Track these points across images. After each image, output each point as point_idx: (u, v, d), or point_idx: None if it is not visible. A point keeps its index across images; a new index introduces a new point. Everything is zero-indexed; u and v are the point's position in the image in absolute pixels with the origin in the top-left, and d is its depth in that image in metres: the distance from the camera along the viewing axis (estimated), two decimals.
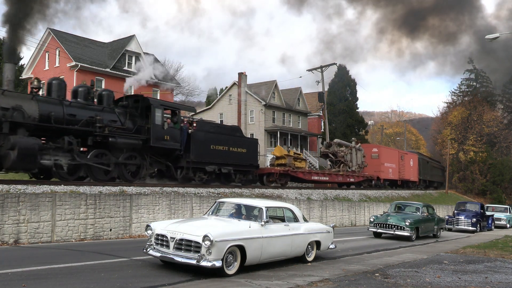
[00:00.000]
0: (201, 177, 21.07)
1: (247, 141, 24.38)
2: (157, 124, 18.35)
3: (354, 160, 34.69)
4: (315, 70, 42.88)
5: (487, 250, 14.62)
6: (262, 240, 9.32)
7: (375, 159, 37.54)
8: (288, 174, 26.59)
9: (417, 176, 45.73)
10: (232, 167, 22.44)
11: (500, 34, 20.45)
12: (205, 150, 20.91)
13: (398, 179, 40.53)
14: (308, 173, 28.31)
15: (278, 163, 27.76)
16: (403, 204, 20.84)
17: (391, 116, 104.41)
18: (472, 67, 74.91)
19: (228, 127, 25.18)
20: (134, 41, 33.17)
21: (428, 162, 51.73)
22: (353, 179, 33.41)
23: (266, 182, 25.68)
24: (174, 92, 38.85)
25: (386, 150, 41.29)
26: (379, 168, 37.13)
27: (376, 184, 36.65)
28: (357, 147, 35.68)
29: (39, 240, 12.80)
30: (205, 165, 20.98)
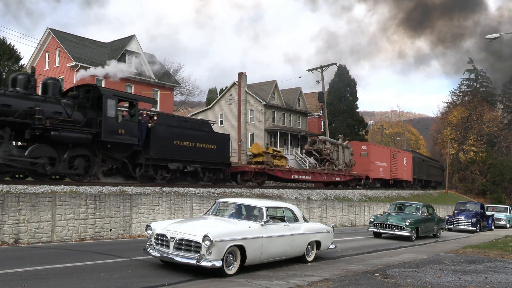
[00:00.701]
0: (163, 176, 19.45)
1: (217, 136, 22.40)
2: (110, 116, 16.58)
3: (341, 158, 33.27)
4: (315, 70, 42.89)
5: (487, 250, 14.62)
6: (262, 240, 9.32)
7: (364, 157, 35.74)
8: (264, 173, 25.10)
9: (411, 175, 44.18)
10: (200, 165, 20.81)
11: (500, 34, 20.45)
12: (167, 146, 19.24)
13: (390, 178, 38.97)
14: (287, 172, 26.70)
15: (256, 160, 26.38)
16: (403, 204, 20.84)
17: (391, 116, 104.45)
18: (472, 67, 75.00)
19: (195, 121, 23.52)
20: (134, 41, 33.19)
21: (424, 161, 50.25)
22: (339, 178, 31.75)
23: (240, 181, 24.04)
24: (174, 92, 38.82)
25: (376, 148, 39.38)
26: (368, 166, 35.45)
27: (365, 184, 35.30)
28: (345, 145, 34.31)
29: (39, 240, 12.80)
30: (167, 162, 19.30)
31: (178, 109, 59.79)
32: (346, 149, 34.15)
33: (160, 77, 34.63)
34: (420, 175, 47.30)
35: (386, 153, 38.99)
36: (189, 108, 69.78)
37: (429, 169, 51.44)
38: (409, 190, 42.65)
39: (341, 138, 34.82)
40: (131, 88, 32.41)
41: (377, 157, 36.72)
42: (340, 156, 33.24)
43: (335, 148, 33.28)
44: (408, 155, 44.16)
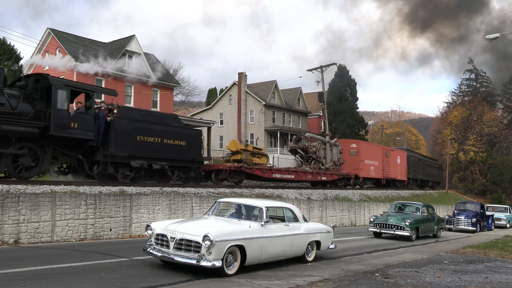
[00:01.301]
0: (125, 174, 18.07)
1: (187, 132, 20.79)
2: (60, 108, 15.21)
3: (329, 157, 31.82)
4: (315, 70, 42.88)
5: (487, 250, 14.62)
6: (262, 240, 9.32)
7: (354, 155, 34.27)
8: (242, 171, 23.67)
9: (406, 174, 42.71)
10: (168, 162, 19.41)
11: (500, 34, 20.45)
12: (129, 141, 17.84)
13: (382, 177, 37.49)
14: (267, 170, 25.28)
15: (234, 158, 24.94)
16: (403, 204, 20.84)
17: (391, 116, 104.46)
18: (472, 67, 75.05)
19: (162, 115, 22.04)
20: (134, 41, 33.19)
21: (420, 160, 48.65)
22: (326, 178, 30.28)
23: (215, 180, 22.59)
24: (174, 92, 38.83)
25: (367, 146, 37.60)
26: (358, 165, 33.95)
27: (355, 184, 33.99)
28: (333, 142, 32.89)
29: (39, 240, 12.80)
30: (130, 159, 17.89)
31: (178, 109, 59.82)
32: (334, 147, 32.82)
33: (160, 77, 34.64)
34: (415, 175, 45.91)
35: (378, 152, 37.50)
36: (189, 108, 69.80)
37: (426, 169, 50.07)
38: (407, 190, 42.47)
39: (328, 136, 33.50)
40: (131, 88, 32.43)
41: (367, 156, 35.32)
42: (327, 154, 31.86)
43: (322, 146, 31.83)
44: (402, 153, 42.71)
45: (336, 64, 48.45)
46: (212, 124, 32.88)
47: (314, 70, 43.00)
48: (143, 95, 32.95)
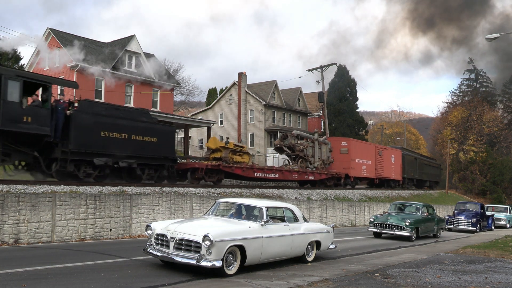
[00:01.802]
0: (88, 173, 16.80)
1: (159, 128, 19.61)
2: (11, 101, 14.12)
3: (317, 155, 30.42)
4: (315, 70, 42.89)
5: (487, 250, 14.62)
6: (262, 240, 9.32)
7: (344, 154, 32.60)
8: (220, 170, 22.34)
9: (401, 174, 41.02)
10: (136, 160, 18.23)
11: (500, 34, 20.44)
12: (92, 137, 16.55)
13: (374, 177, 35.99)
14: (248, 169, 23.82)
15: (214, 156, 23.57)
16: (403, 204, 20.84)
17: (391, 116, 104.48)
18: (472, 67, 75.08)
19: (130, 109, 20.74)
20: (134, 41, 33.19)
21: (416, 159, 46.85)
22: (313, 177, 28.84)
23: (191, 179, 21.35)
24: (174, 92, 38.83)
25: (358, 144, 35.83)
26: (349, 164, 32.44)
27: (345, 183, 32.58)
28: (322, 140, 31.49)
29: (39, 240, 12.80)
30: (92, 157, 16.62)
31: (178, 109, 59.81)
32: (323, 145, 31.40)
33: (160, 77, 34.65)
34: (411, 174, 44.41)
35: (370, 150, 36.00)
36: (189, 108, 69.80)
37: (423, 168, 48.68)
38: (407, 190, 42.42)
39: (317, 133, 31.84)
40: (131, 88, 32.42)
41: (359, 154, 33.75)
42: (316, 152, 30.39)
43: (310, 144, 30.33)
44: (397, 152, 41.14)
45: (336, 64, 48.51)
46: (212, 124, 32.90)
47: (314, 70, 43.04)
48: (143, 95, 32.94)
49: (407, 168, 42.83)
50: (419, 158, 48.19)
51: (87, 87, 29.32)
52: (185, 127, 31.92)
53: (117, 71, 31.45)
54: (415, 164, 45.78)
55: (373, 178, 36.03)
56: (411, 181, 45.13)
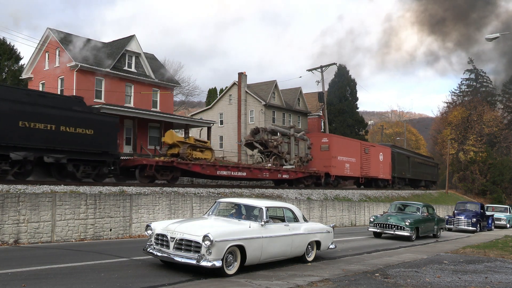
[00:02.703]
0: (3, 169, 14.68)
1: (95, 119, 17.37)
2: None
3: (294, 152, 28.36)
4: (315, 70, 42.89)
5: (487, 250, 14.62)
6: (262, 240, 9.32)
7: (325, 151, 30.46)
8: (175, 167, 20.24)
9: (390, 173, 38.71)
10: (66, 155, 16.03)
11: (500, 34, 20.45)
12: (8, 128, 14.49)
13: (360, 176, 33.92)
14: (210, 167, 21.75)
15: (171, 152, 21.69)
16: (403, 204, 20.86)
17: (391, 116, 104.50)
18: (472, 67, 75.11)
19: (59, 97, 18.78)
20: (134, 41, 33.18)
21: (409, 157, 44.37)
22: (288, 175, 26.68)
23: (140, 177, 19.28)
24: (174, 92, 38.83)
25: (341, 140, 33.54)
26: (330, 162, 30.22)
27: (326, 182, 30.29)
28: (299, 136, 29.46)
29: (39, 240, 12.80)
30: (8, 150, 14.48)
31: (178, 109, 59.81)
32: (301, 141, 29.37)
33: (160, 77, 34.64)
34: (402, 173, 41.91)
35: (355, 147, 33.76)
36: (189, 108, 69.81)
37: (417, 167, 46.15)
38: (407, 190, 42.39)
39: (293, 128, 29.75)
40: (131, 88, 32.41)
41: (341, 151, 31.52)
42: (292, 149, 28.28)
43: (286, 140, 28.28)
44: (386, 150, 38.80)
45: (336, 64, 48.54)
46: (212, 124, 32.89)
47: (314, 70, 43.04)
48: (143, 95, 32.95)
49: (398, 166, 40.71)
50: (412, 157, 45.98)
51: (87, 87, 29.32)
52: (185, 127, 31.94)
53: (117, 71, 31.44)
54: (408, 162, 43.59)
55: (358, 177, 34.00)
56: (402, 180, 42.81)
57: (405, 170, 42.46)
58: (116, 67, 31.52)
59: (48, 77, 31.78)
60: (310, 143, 30.37)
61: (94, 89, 30.03)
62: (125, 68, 32.53)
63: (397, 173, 40.44)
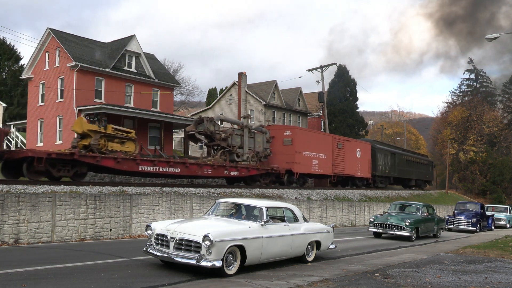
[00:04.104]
0: None
1: None
2: None
3: (247, 146, 25.04)
4: (315, 70, 42.88)
5: (487, 250, 14.62)
6: (262, 240, 9.31)
7: (288, 145, 27.13)
8: (77, 161, 16.97)
9: (369, 171, 35.18)
10: None
11: (500, 34, 20.45)
12: None
13: (331, 174, 30.57)
14: (128, 161, 18.37)
15: (83, 144, 18.46)
16: (403, 204, 20.86)
17: (391, 116, 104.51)
18: (472, 67, 75.13)
19: None
20: (134, 41, 33.16)
21: (395, 154, 40.37)
22: (237, 173, 23.25)
23: (29, 173, 15.86)
24: (174, 92, 38.82)
25: (307, 134, 29.94)
26: (293, 158, 26.83)
27: (289, 181, 27.19)
28: (255, 128, 26.45)
29: (39, 240, 12.80)
30: None
31: (178, 109, 59.81)
32: (259, 134, 26.17)
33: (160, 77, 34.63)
34: (386, 171, 38.22)
35: (325, 142, 30.31)
36: (189, 108, 69.81)
37: (406, 165, 42.32)
38: (407, 190, 42.28)
39: (247, 119, 26.70)
40: (131, 88, 32.40)
41: (307, 146, 28.15)
42: (245, 142, 24.94)
43: (238, 132, 24.94)
44: (364, 145, 35.27)
45: (336, 64, 48.50)
46: None
47: (314, 70, 43.03)
48: (143, 95, 32.94)
49: (380, 164, 37.15)
50: (399, 153, 41.97)
51: (87, 87, 29.32)
52: (185, 127, 31.90)
53: (117, 71, 31.44)
54: (393, 160, 39.86)
55: (329, 175, 30.74)
56: (386, 179, 39.17)
57: (388, 168, 38.91)
58: (116, 67, 31.51)
59: (48, 77, 31.77)
60: (270, 136, 27.17)
61: (94, 89, 30.02)
62: (125, 68, 32.52)
63: (379, 171, 37.00)
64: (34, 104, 32.65)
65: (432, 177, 51.88)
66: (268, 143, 26.88)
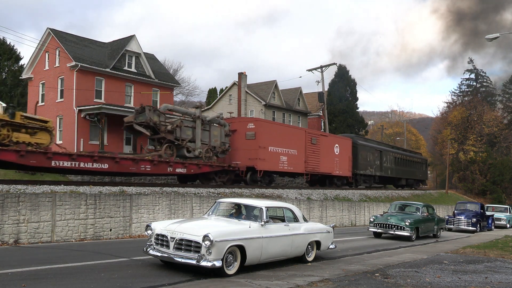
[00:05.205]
0: None
1: None
2: None
3: (200, 139, 22.31)
4: (315, 70, 42.89)
5: (487, 250, 14.62)
6: (262, 240, 9.31)
7: (251, 140, 24.36)
8: None
9: (350, 169, 32.49)
10: None
11: (500, 34, 20.44)
12: None
13: (304, 172, 27.95)
14: (37, 155, 15.72)
15: None
16: (403, 204, 20.86)
17: (391, 116, 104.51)
18: (472, 67, 75.15)
19: None
20: (134, 41, 33.16)
21: (381, 152, 37.49)
22: (184, 169, 20.64)
23: None
24: (174, 92, 38.83)
25: (273, 127, 26.74)
26: (256, 154, 24.08)
27: (252, 179, 24.45)
28: (211, 119, 23.50)
29: (39, 240, 12.80)
30: None
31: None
32: (215, 127, 23.54)
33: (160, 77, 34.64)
34: (369, 170, 35.31)
35: (297, 137, 27.53)
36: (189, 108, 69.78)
37: (393, 163, 39.51)
38: (407, 190, 42.25)
39: (199, 109, 23.27)
40: (131, 88, 32.41)
41: (274, 141, 25.29)
42: (198, 135, 22.26)
43: (188, 124, 22.17)
44: (345, 141, 32.48)
45: (336, 64, 48.55)
46: None
47: (314, 70, 43.03)
48: (143, 95, 32.93)
49: (362, 162, 34.32)
50: (386, 151, 39.06)
51: (87, 87, 29.32)
52: None
53: (117, 71, 31.44)
54: (379, 157, 36.88)
55: (302, 173, 28.13)
56: (370, 178, 36.28)
57: (373, 166, 35.93)
58: (116, 67, 31.51)
59: (48, 77, 31.77)
60: (231, 130, 24.47)
61: (94, 89, 30.02)
62: (125, 68, 32.52)
63: (361, 169, 34.13)
64: (34, 104, 32.62)
65: (426, 176, 49.22)
66: (227, 136, 24.21)
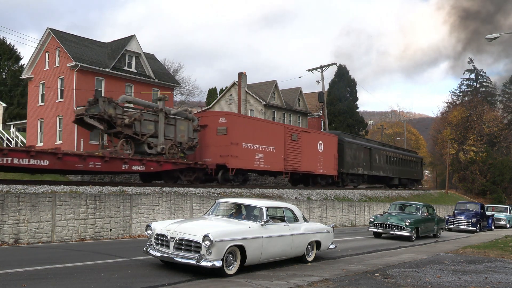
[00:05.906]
0: None
1: None
2: None
3: (163, 134, 20.96)
4: (315, 70, 42.89)
5: (487, 250, 14.62)
6: (262, 240, 9.31)
7: (223, 135, 22.75)
8: None
9: (335, 167, 30.73)
10: None
11: (500, 34, 20.44)
12: None
13: (283, 170, 26.16)
14: None
15: None
16: (403, 204, 20.86)
17: (391, 116, 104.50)
18: (472, 67, 75.15)
19: None
20: (134, 41, 33.15)
21: (371, 150, 35.68)
22: (142, 167, 19.04)
23: None
24: (174, 92, 38.83)
25: (248, 121, 24.91)
26: (228, 151, 22.36)
27: (224, 178, 22.76)
28: (177, 113, 22.25)
29: (39, 240, 12.80)
30: None
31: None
32: (182, 121, 22.10)
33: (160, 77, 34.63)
34: (357, 169, 33.54)
35: (275, 133, 25.61)
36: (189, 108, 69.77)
37: (385, 162, 37.73)
38: (407, 190, 42.26)
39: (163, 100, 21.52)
40: (131, 88, 32.41)
41: (248, 137, 23.52)
42: (161, 129, 20.84)
43: (149, 117, 20.65)
44: (330, 138, 30.61)
45: (336, 64, 48.58)
46: None
47: (314, 70, 43.04)
48: (143, 95, 32.95)
49: (350, 160, 32.51)
50: (376, 149, 37.19)
51: (87, 87, 29.32)
52: None
53: (117, 71, 31.45)
54: (368, 156, 35.11)
55: (281, 171, 26.31)
56: (358, 178, 34.55)
57: (361, 165, 34.08)
58: (116, 67, 31.50)
59: (48, 77, 31.77)
60: (200, 125, 22.92)
61: (94, 89, 30.01)
62: (125, 68, 32.51)
63: (348, 168, 32.28)
64: (34, 104, 32.64)
65: (421, 175, 47.50)
66: (196, 132, 22.64)
